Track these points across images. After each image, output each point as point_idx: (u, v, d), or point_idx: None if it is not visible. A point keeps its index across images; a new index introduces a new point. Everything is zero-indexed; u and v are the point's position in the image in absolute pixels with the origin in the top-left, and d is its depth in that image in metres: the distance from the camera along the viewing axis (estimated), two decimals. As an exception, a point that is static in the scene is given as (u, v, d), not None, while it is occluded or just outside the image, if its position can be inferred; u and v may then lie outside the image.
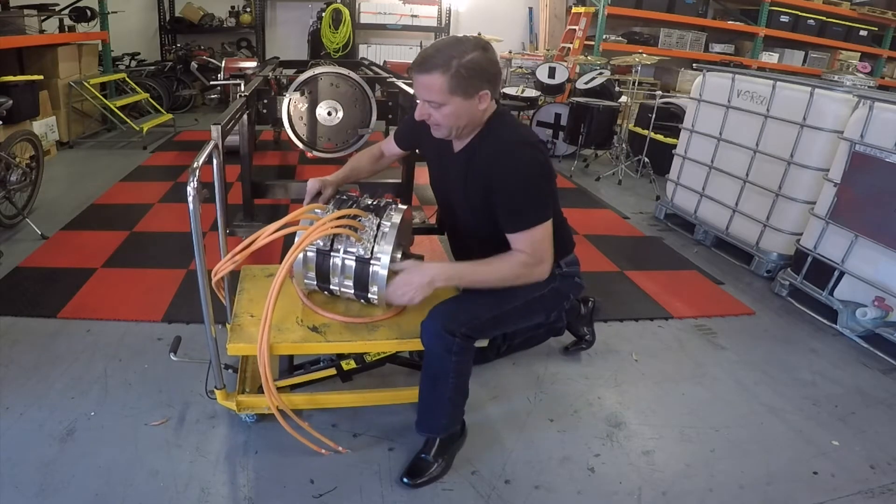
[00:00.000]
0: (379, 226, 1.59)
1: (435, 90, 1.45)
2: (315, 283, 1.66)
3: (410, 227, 1.85)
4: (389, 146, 1.91)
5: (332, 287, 1.66)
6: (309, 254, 1.61)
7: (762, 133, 3.13)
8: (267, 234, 1.47)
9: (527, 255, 1.51)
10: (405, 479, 1.63)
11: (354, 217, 1.59)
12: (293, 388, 1.78)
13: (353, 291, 1.64)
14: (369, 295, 1.63)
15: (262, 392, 1.74)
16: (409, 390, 1.77)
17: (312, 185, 1.74)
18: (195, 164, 1.36)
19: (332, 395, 1.82)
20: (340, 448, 1.71)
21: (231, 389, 1.76)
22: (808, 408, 2.07)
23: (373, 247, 1.56)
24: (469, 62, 1.42)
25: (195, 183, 1.31)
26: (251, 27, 7.49)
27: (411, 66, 1.48)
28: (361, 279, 1.59)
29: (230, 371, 1.82)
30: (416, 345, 1.60)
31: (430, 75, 1.44)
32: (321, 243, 1.59)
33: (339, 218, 1.54)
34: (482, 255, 1.56)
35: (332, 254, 1.60)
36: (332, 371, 1.74)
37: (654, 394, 2.10)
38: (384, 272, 1.55)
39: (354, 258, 1.58)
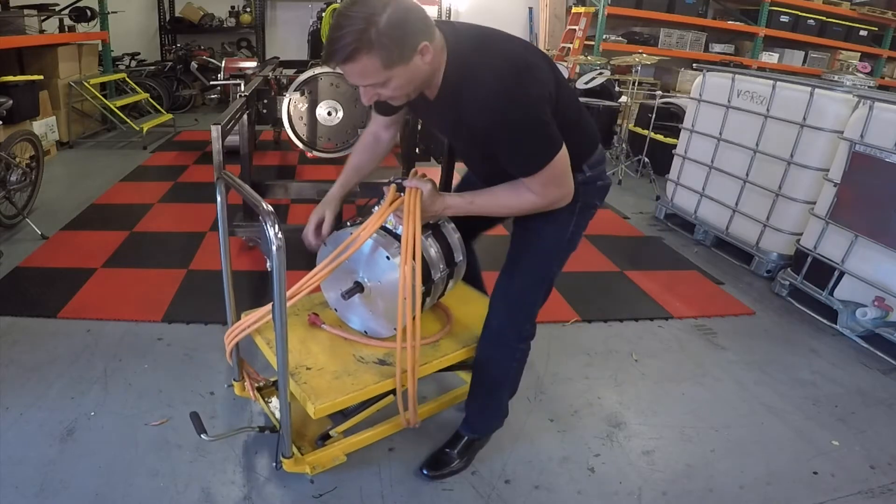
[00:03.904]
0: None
1: (370, 74, 1.20)
2: None
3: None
4: (377, 122, 1.67)
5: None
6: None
7: (762, 133, 3.13)
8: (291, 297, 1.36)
9: (538, 195, 1.37)
10: (425, 471, 1.65)
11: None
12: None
13: (445, 269, 1.56)
14: (457, 258, 1.59)
15: (319, 446, 1.58)
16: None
17: (312, 217, 1.56)
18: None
19: (388, 422, 1.65)
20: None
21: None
22: (808, 408, 2.07)
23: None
24: (388, 25, 1.15)
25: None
26: (251, 27, 7.48)
27: (327, 58, 1.21)
28: (448, 245, 1.57)
29: (266, 433, 1.64)
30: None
31: (356, 63, 1.18)
32: (389, 222, 1.51)
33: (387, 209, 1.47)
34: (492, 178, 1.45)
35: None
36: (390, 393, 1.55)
37: (654, 394, 2.10)
38: (457, 234, 1.58)
39: (431, 229, 1.55)
